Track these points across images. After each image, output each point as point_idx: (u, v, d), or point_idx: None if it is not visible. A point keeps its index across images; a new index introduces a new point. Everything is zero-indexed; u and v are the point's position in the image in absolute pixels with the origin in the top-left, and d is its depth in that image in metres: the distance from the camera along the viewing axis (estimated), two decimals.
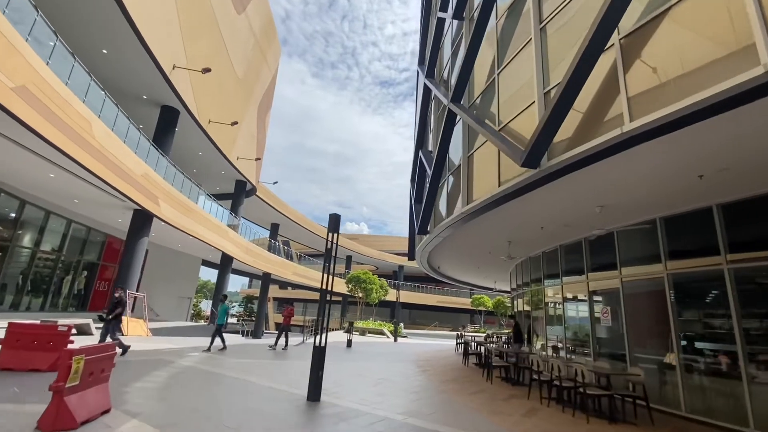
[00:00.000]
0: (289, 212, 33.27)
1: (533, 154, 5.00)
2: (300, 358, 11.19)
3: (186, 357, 9.58)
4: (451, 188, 8.83)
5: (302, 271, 33.81)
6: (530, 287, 12.15)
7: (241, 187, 25.40)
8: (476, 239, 10.16)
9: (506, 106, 6.56)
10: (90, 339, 11.26)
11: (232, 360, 9.75)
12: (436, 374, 9.68)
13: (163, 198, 15.22)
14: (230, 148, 21.45)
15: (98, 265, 18.41)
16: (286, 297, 63.31)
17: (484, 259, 13.53)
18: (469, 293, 56.17)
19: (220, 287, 23.32)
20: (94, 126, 10.85)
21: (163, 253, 22.68)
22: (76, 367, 4.08)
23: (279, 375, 7.98)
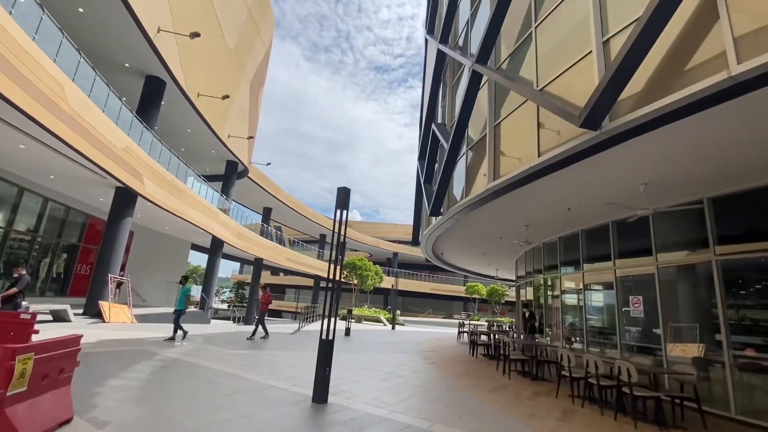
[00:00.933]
0: (283, 196, 32.13)
1: (594, 113, 4.11)
2: (297, 348, 10.37)
3: (171, 348, 8.69)
4: (470, 164, 7.94)
5: (295, 257, 32.89)
6: (543, 274, 11.43)
7: (233, 168, 24.18)
8: (491, 222, 9.35)
9: (547, 64, 5.63)
10: (68, 327, 10.28)
11: (222, 350, 8.88)
12: (447, 367, 8.94)
13: (147, 175, 14.07)
14: (221, 126, 20.19)
15: (79, 248, 17.25)
16: (278, 283, 62.50)
17: (493, 245, 12.76)
18: (462, 281, 56.04)
19: (211, 272, 22.31)
20: (67, 90, 9.66)
21: (150, 236, 21.54)
22: (22, 369, 3.17)
23: (277, 369, 7.14)
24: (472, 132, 8.07)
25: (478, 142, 7.63)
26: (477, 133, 7.86)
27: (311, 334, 15.13)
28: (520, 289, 15.22)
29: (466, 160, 8.06)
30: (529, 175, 5.62)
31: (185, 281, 10.59)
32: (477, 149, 7.73)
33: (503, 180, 6.15)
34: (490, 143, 6.79)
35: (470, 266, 19.29)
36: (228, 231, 22.21)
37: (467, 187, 7.82)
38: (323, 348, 5.30)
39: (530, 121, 5.74)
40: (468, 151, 8.08)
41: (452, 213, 8.44)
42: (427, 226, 11.34)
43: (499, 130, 6.78)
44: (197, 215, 18.20)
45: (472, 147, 7.93)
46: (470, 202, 7.39)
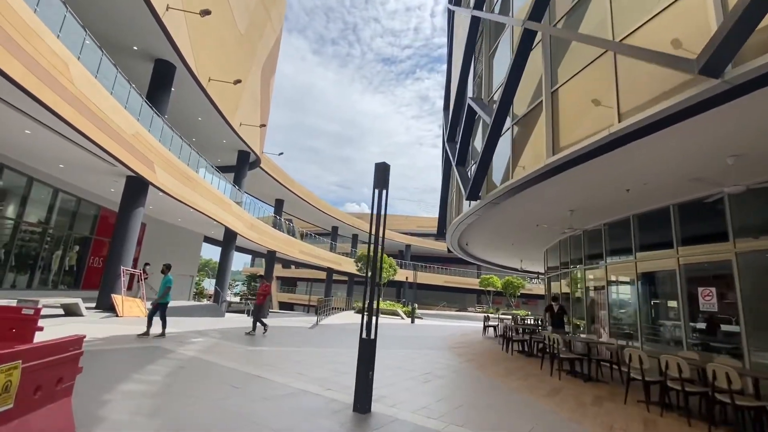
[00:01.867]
0: (295, 188, 31.49)
1: (718, 57, 3.23)
2: (320, 344, 9.69)
3: (187, 344, 8.06)
4: (517, 140, 7.07)
5: (308, 249, 32.33)
6: (583, 264, 10.52)
7: (245, 158, 23.54)
8: (532, 207, 8.48)
9: (627, 11, 4.72)
10: (80, 322, 9.75)
11: (241, 347, 8.23)
12: (486, 366, 8.17)
13: (159, 163, 13.46)
14: (233, 113, 19.50)
15: (91, 240, 16.82)
16: (289, 276, 62.40)
17: (525, 234, 11.89)
18: (476, 273, 55.11)
19: (224, 265, 21.83)
20: (72, 69, 8.99)
21: (162, 229, 21.08)
22: (5, 382, 2.47)
23: (304, 369, 6.44)
24: (517, 105, 7.18)
25: (528, 114, 6.75)
26: (524, 105, 6.98)
27: (330, 328, 14.49)
28: (551, 281, 14.33)
29: (512, 134, 7.18)
30: (604, 145, 4.75)
31: (168, 270, 9.34)
32: (526, 122, 6.85)
33: (567, 154, 5.28)
34: (547, 113, 5.91)
35: (494, 258, 18.43)
36: (241, 222, 21.65)
37: (512, 166, 6.96)
38: (365, 349, 4.55)
39: (605, 81, 4.85)
40: (513, 125, 7.21)
41: (492, 197, 7.60)
42: (457, 213, 10.50)
43: (558, 98, 5.90)
44: (210, 206, 17.62)
45: (520, 120, 7.05)
46: (519, 182, 6.54)
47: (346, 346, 9.82)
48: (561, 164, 5.51)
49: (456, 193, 10.63)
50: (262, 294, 11.24)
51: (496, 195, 7.46)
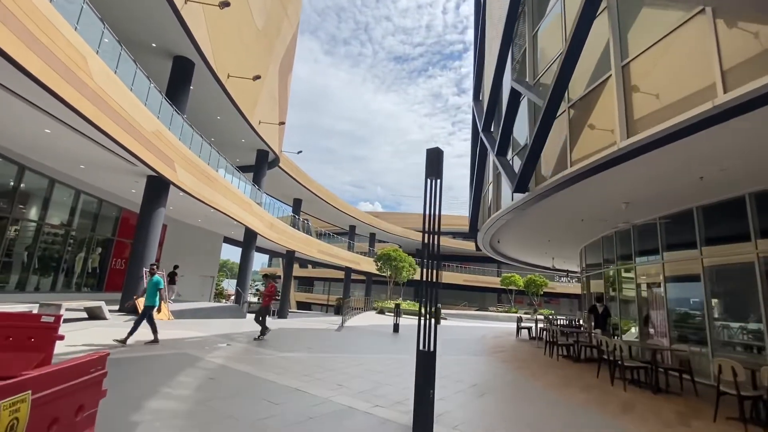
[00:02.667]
0: (314, 186, 31.12)
1: None
2: (353, 350, 9.10)
3: (214, 350, 7.59)
4: (574, 123, 6.34)
5: (327, 249, 31.94)
6: (634, 261, 9.67)
7: (263, 157, 23.23)
8: (584, 199, 7.72)
9: None
10: (103, 326, 9.41)
11: (271, 353, 7.72)
12: (536, 374, 7.45)
13: (179, 162, 13.12)
14: (251, 111, 19.15)
15: (113, 242, 16.69)
16: (306, 276, 62.40)
17: (566, 230, 11.10)
18: (496, 272, 53.92)
19: (245, 266, 21.55)
20: (90, 63, 8.63)
21: (183, 229, 20.92)
22: (11, 420, 1.94)
23: (344, 380, 5.86)
24: (571, 85, 6.44)
25: (589, 94, 6.01)
26: (582, 85, 6.23)
27: (356, 330, 13.94)
28: (590, 279, 13.45)
29: (569, 118, 6.44)
30: (701, 122, 4.01)
31: (155, 270, 8.42)
32: (586, 103, 6.11)
33: (648, 135, 4.54)
34: (618, 90, 5.17)
35: (525, 256, 17.62)
36: (261, 222, 21.32)
37: (570, 153, 6.22)
38: (424, 363, 3.93)
39: (700, 46, 4.11)
40: (569, 108, 6.47)
41: (543, 189, 6.89)
42: (495, 209, 9.78)
43: (631, 72, 5.15)
44: (230, 205, 17.29)
45: (578, 102, 6.31)
46: (579, 171, 5.81)
47: (379, 351, 9.24)
48: (638, 147, 4.77)
49: (494, 187, 9.92)
50: (267, 295, 10.63)
51: (548, 186, 6.74)
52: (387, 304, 25.29)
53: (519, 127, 8.48)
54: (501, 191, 9.66)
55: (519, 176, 6.97)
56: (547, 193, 7.03)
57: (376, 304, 27.51)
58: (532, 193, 7.20)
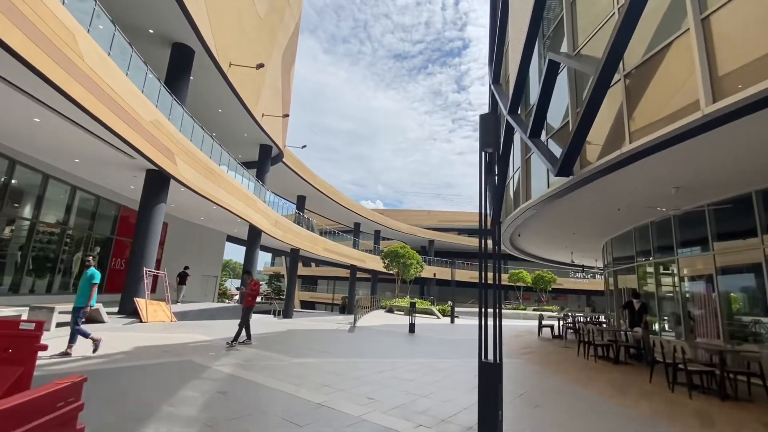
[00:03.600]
0: (318, 183, 30.34)
1: None
2: (372, 353, 8.30)
3: (222, 356, 6.83)
4: (633, 95, 5.53)
5: (332, 247, 31.17)
6: (676, 253, 8.87)
7: (267, 152, 22.44)
8: (630, 184, 6.93)
9: None
10: (102, 329, 8.66)
11: (285, 359, 6.96)
12: (579, 379, 6.67)
13: (180, 155, 12.36)
14: (254, 104, 18.36)
15: (112, 241, 15.95)
16: (310, 275, 61.76)
17: (596, 220, 10.32)
18: (503, 269, 53.12)
19: (249, 264, 20.79)
20: (81, 42, 7.86)
21: (185, 228, 20.19)
22: None
23: (374, 392, 5.09)
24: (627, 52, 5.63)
25: (653, 59, 5.20)
26: (641, 49, 5.43)
27: (369, 331, 13.18)
28: (618, 275, 12.64)
29: (625, 88, 5.63)
30: None
31: (90, 261, 6.64)
32: (647, 70, 5.31)
33: (745, 96, 3.75)
34: (699, 46, 4.37)
35: (544, 252, 16.81)
36: (266, 220, 20.57)
37: (629, 128, 5.42)
38: (489, 378, 3.15)
39: None
40: (624, 78, 5.66)
41: (591, 171, 6.09)
42: (525, 199, 8.98)
43: (710, 25, 4.35)
44: (234, 202, 16.53)
45: (635, 71, 5.50)
46: (643, 147, 5.02)
47: (400, 353, 8.48)
48: (729, 113, 3.98)
49: (522, 175, 9.10)
50: (251, 294, 8.65)
51: (598, 168, 5.95)
52: (396, 303, 24.54)
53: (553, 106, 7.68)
54: (531, 179, 8.87)
55: (563, 158, 6.17)
56: (593, 176, 6.24)
57: (384, 303, 26.76)
58: (575, 177, 6.40)
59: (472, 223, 59.28)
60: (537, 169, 8.53)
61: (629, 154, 5.33)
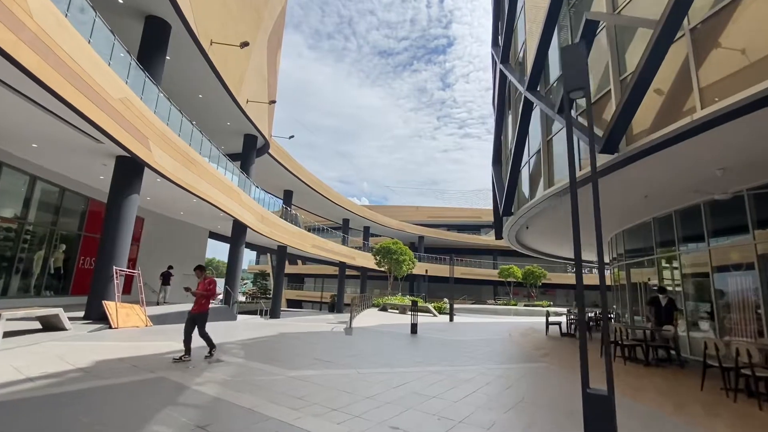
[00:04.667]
0: (306, 177, 29.03)
1: None
2: (380, 361, 7.26)
3: (205, 371, 5.72)
4: (701, 51, 4.64)
5: (321, 243, 29.97)
6: (707, 243, 8.14)
7: (251, 143, 21.08)
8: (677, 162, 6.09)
9: None
10: (61, 339, 7.39)
11: (279, 372, 5.88)
12: (622, 388, 5.81)
13: (155, 141, 11.05)
14: (238, 88, 17.01)
15: (80, 237, 14.46)
16: (296, 272, 60.27)
17: (615, 210, 9.55)
18: (492, 264, 52.85)
19: (234, 262, 19.46)
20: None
21: (163, 223, 18.73)
22: None
23: (397, 415, 4.09)
24: None
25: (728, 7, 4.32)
26: None
27: (367, 332, 12.16)
28: (630, 268, 11.94)
29: (691, 45, 4.75)
30: None
31: None
32: (723, 19, 4.42)
33: None
34: None
35: (550, 246, 16.06)
36: (251, 215, 19.27)
37: (699, 91, 4.53)
38: (598, 414, 2.17)
39: None
40: (690, 31, 4.78)
41: (642, 147, 5.22)
42: (547, 185, 8.08)
43: None
44: (217, 194, 15.23)
45: (709, 20, 4.61)
46: (722, 111, 4.14)
47: (410, 361, 7.49)
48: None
49: (544, 158, 8.19)
50: (205, 296, 6.71)
51: (653, 142, 5.07)
52: (389, 300, 23.59)
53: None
54: (553, 164, 7.98)
55: (609, 132, 5.28)
56: (640, 154, 5.36)
57: (376, 301, 25.77)
58: (621, 155, 5.51)
59: (461, 219, 58.84)
60: (561, 151, 7.64)
61: (698, 123, 4.45)
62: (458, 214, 59.89)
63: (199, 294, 6.76)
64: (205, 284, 6.82)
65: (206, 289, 6.77)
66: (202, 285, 6.81)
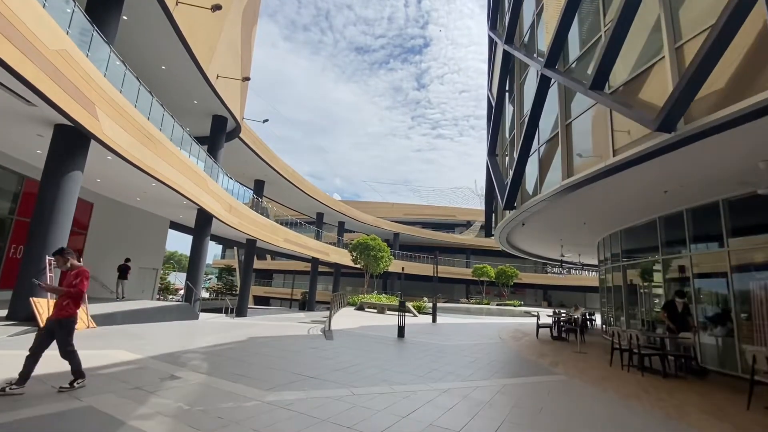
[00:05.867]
0: (280, 166, 27.23)
1: None
2: (367, 377, 6.07)
3: (153, 394, 4.35)
4: None
5: (294, 238, 28.31)
6: (726, 245, 7.56)
7: (221, 125, 19.20)
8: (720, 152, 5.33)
9: None
10: None
11: (253, 397, 4.60)
12: (663, 408, 4.98)
13: (105, 109, 9.32)
14: (207, 60, 15.20)
15: (12, 222, 12.33)
16: (264, 268, 57.91)
17: (622, 207, 8.88)
18: (465, 263, 52.84)
19: (197, 255, 17.57)
20: None
21: (117, 210, 16.63)
22: None
23: None
24: None
25: None
26: None
27: (349, 336, 10.94)
28: (627, 270, 11.42)
29: None
30: None
31: None
32: None
33: None
34: None
35: (540, 247, 15.45)
36: (219, 204, 17.51)
37: None
38: None
39: None
40: None
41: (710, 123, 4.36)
42: (567, 174, 7.18)
43: None
44: (180, 179, 13.49)
45: None
46: None
47: (410, 374, 6.37)
48: None
49: (563, 147, 7.26)
50: (70, 295, 4.45)
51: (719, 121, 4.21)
52: (367, 299, 22.44)
53: None
54: (572, 151, 7.09)
55: (671, 106, 4.37)
56: (705, 133, 4.50)
57: (352, 299, 24.54)
58: (679, 134, 4.62)
59: (436, 217, 58.54)
60: (584, 137, 6.76)
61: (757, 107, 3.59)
62: (433, 212, 59.58)
63: (59, 291, 4.49)
64: (72, 277, 4.57)
65: (70, 285, 4.49)
66: (67, 278, 4.60)
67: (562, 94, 7.45)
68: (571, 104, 7.26)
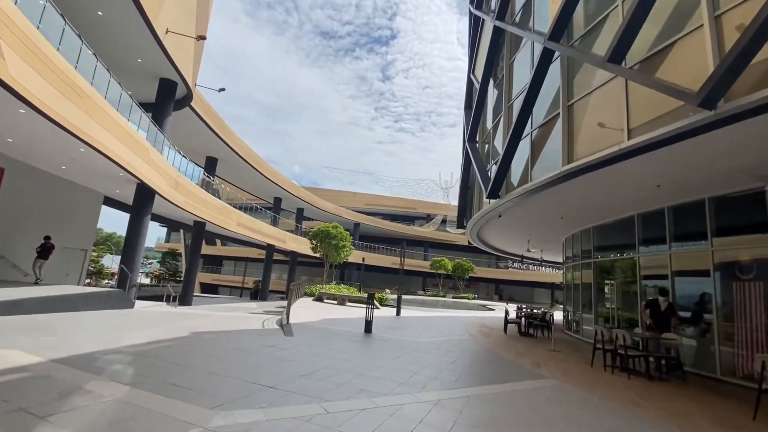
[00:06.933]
0: (235, 143, 25.03)
1: None
2: (339, 387, 5.07)
3: (42, 419, 3.08)
4: None
5: (249, 222, 26.36)
6: (709, 241, 7.38)
7: (169, 90, 16.91)
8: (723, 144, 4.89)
9: None
10: None
11: (192, 416, 3.47)
12: (667, 418, 4.48)
13: (12, 44, 7.42)
14: (155, 10, 13.09)
15: None
16: (213, 254, 54.58)
17: (607, 200, 8.56)
18: (423, 255, 53.04)
19: (136, 236, 15.43)
20: None
21: (36, 179, 14.12)
22: None
23: None
24: None
25: None
26: None
27: (311, 331, 9.86)
28: (600, 267, 11.29)
29: None
30: None
31: None
32: None
33: None
34: None
35: (501, 241, 15.14)
36: (163, 178, 15.49)
37: None
38: None
39: None
40: None
41: (751, 102, 3.79)
42: (566, 160, 6.55)
43: None
44: (116, 145, 11.54)
45: None
46: None
47: (390, 381, 5.47)
48: None
49: (565, 128, 6.60)
50: None
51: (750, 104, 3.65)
52: (326, 290, 21.30)
53: None
54: (576, 134, 6.46)
55: (715, 82, 3.76)
56: (745, 113, 3.94)
57: (309, 289, 23.27)
58: (718, 114, 4.04)
59: (397, 209, 58.15)
60: (591, 118, 6.14)
61: None
62: (395, 204, 59.20)
63: None
64: None
65: None
66: None
67: (564, 71, 6.81)
68: (574, 83, 6.63)
